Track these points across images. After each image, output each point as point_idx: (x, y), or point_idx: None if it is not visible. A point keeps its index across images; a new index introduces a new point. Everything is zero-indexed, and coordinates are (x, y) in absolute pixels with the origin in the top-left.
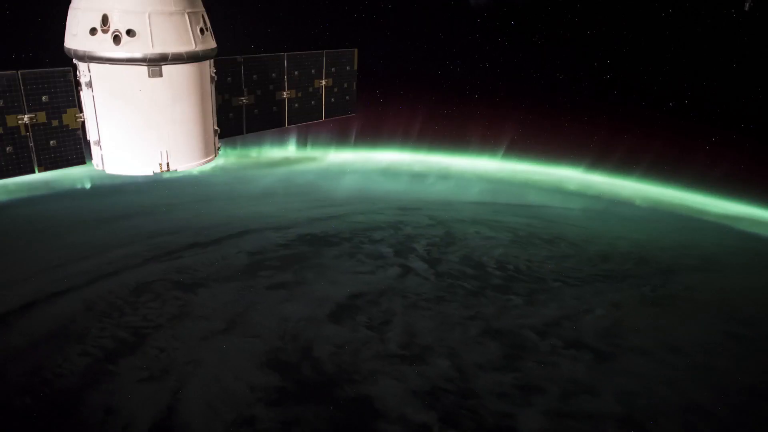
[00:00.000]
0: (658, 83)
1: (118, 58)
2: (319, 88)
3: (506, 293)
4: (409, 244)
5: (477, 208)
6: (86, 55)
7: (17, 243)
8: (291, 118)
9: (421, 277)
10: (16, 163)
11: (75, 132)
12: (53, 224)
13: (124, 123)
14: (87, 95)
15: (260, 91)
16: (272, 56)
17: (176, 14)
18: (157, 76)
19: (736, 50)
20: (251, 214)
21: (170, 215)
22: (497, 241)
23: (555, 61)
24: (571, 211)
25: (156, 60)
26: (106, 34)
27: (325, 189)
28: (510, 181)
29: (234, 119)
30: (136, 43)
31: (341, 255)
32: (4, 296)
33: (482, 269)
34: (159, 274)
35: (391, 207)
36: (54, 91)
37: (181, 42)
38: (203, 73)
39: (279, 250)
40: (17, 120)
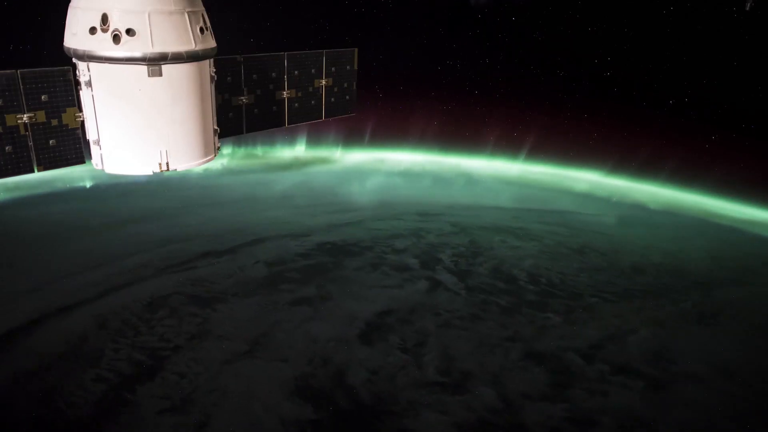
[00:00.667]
0: (685, 87)
1: (117, 57)
2: (319, 87)
3: (543, 310)
4: (434, 254)
5: (497, 213)
6: (86, 55)
7: (19, 250)
8: (291, 118)
9: (451, 292)
10: (16, 163)
11: (74, 131)
12: (57, 229)
13: (123, 122)
14: (86, 94)
15: (260, 90)
16: (272, 56)
17: (176, 13)
18: (156, 76)
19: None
20: (265, 220)
21: (180, 220)
22: (525, 251)
23: (555, 59)
24: (592, 217)
25: (156, 59)
26: (105, 33)
27: (339, 192)
28: (525, 183)
29: (234, 119)
30: (135, 43)
31: (364, 266)
32: (9, 310)
33: (514, 283)
34: (173, 286)
35: (409, 212)
36: (53, 90)
37: (181, 41)
38: (203, 73)
39: (298, 261)
40: (16, 119)
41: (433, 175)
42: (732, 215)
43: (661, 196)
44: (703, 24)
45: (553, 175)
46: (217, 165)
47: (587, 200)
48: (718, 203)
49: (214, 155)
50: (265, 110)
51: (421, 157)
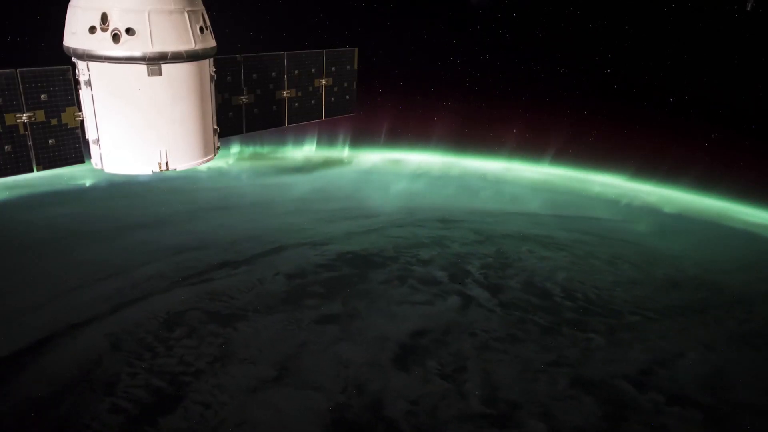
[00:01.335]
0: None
1: (117, 56)
2: (319, 87)
3: (584, 330)
4: (462, 266)
5: (519, 219)
6: (85, 54)
7: (23, 258)
8: (291, 118)
9: (485, 309)
10: (15, 162)
11: (74, 131)
12: (61, 234)
13: (123, 122)
14: (86, 94)
15: (260, 90)
16: (272, 55)
17: (176, 13)
18: (156, 75)
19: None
20: (280, 226)
21: (192, 226)
22: (555, 263)
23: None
24: (616, 223)
25: (155, 59)
26: (105, 32)
27: (355, 195)
28: (542, 186)
29: (233, 118)
30: (135, 42)
31: (391, 279)
32: (16, 328)
33: (549, 298)
34: (190, 301)
35: (430, 218)
36: (53, 89)
37: (181, 41)
38: (203, 72)
39: (320, 272)
40: (15, 118)
41: (448, 177)
42: (746, 219)
43: (675, 200)
44: (704, 23)
45: (568, 178)
46: (223, 165)
47: (605, 204)
48: (731, 206)
49: (213, 155)
50: (265, 110)
51: (436, 158)
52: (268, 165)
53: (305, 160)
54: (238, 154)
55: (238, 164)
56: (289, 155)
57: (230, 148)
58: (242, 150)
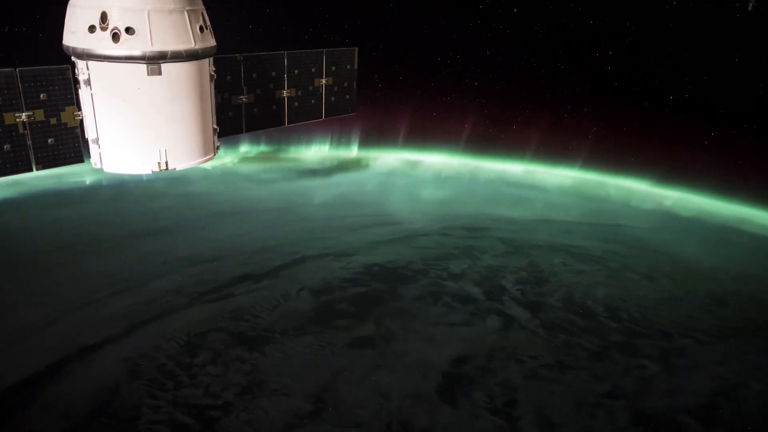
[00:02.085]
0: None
1: (116, 56)
2: (319, 86)
3: (635, 355)
4: (496, 281)
5: (546, 227)
6: (85, 53)
7: (28, 269)
8: (291, 117)
9: (527, 331)
10: (14, 162)
11: (73, 130)
12: (67, 241)
13: (122, 121)
14: (85, 93)
15: (260, 89)
16: (272, 55)
17: (176, 12)
18: (156, 74)
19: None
20: (300, 234)
21: (207, 233)
22: (592, 277)
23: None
24: (645, 231)
25: (155, 58)
26: (105, 31)
27: (374, 200)
28: (561, 189)
29: (233, 118)
30: (135, 41)
31: (423, 296)
32: (25, 351)
33: (593, 318)
34: (211, 320)
35: (454, 226)
36: (52, 88)
37: (181, 40)
38: (202, 72)
39: (347, 288)
40: (15, 118)
41: (467, 180)
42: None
43: (690, 203)
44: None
45: (586, 181)
46: (232, 166)
47: (630, 210)
48: (750, 211)
49: (213, 154)
50: (265, 109)
51: (453, 159)
52: (281, 167)
53: (318, 162)
54: (242, 154)
55: (248, 165)
56: (299, 156)
57: (239, 147)
58: (250, 150)
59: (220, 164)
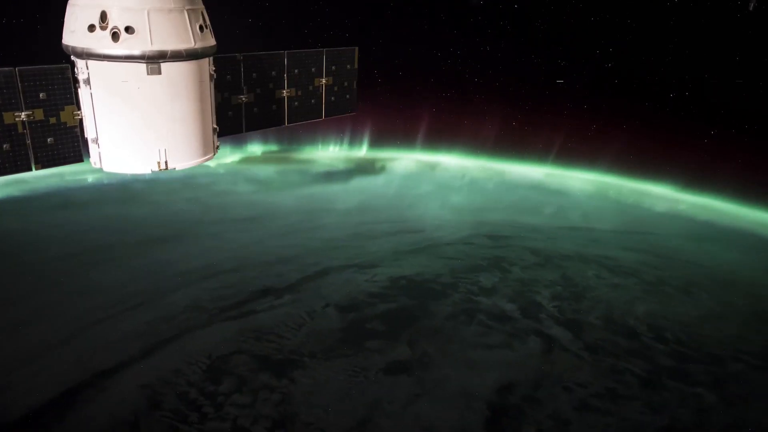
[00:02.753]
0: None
1: (116, 55)
2: (320, 86)
3: (688, 382)
4: (530, 297)
5: (573, 235)
6: (84, 52)
7: (34, 281)
8: (291, 117)
9: (571, 354)
10: (13, 161)
11: (73, 129)
12: (73, 249)
13: (122, 121)
14: (85, 92)
15: (260, 89)
16: (272, 54)
17: (175, 11)
18: (155, 74)
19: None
20: (319, 243)
21: (222, 241)
22: (628, 292)
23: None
24: (673, 239)
25: (155, 57)
26: (104, 31)
27: (392, 204)
28: (582, 193)
29: (233, 117)
30: (134, 40)
31: (456, 314)
32: (35, 374)
33: (637, 339)
34: (234, 341)
35: (477, 234)
36: (51, 88)
37: (180, 39)
38: (202, 71)
39: (375, 304)
40: (14, 117)
41: (485, 184)
42: None
43: (718, 209)
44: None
45: (605, 184)
46: (238, 167)
47: (653, 215)
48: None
49: (213, 154)
50: (265, 109)
51: (469, 161)
52: (293, 169)
53: (329, 163)
54: (249, 154)
55: (257, 167)
56: (309, 156)
57: (246, 147)
58: (255, 149)
59: (229, 164)
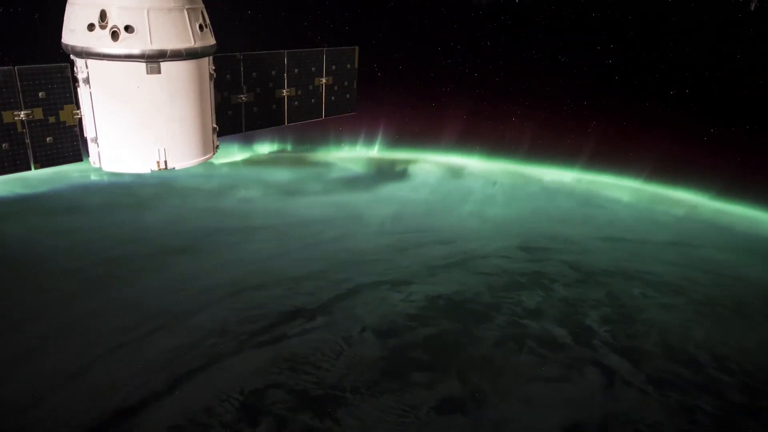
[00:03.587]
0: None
1: (116, 54)
2: (320, 86)
3: (766, 423)
4: (578, 319)
5: (608, 247)
6: (84, 51)
7: (43, 299)
8: (291, 117)
9: (635, 389)
10: (12, 160)
11: (72, 129)
12: (80, 262)
13: (121, 120)
14: (84, 92)
15: (260, 88)
16: (272, 53)
17: (175, 10)
18: (155, 73)
19: None
20: (345, 255)
21: (242, 253)
22: (680, 313)
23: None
24: (715, 252)
25: (154, 56)
26: (104, 30)
27: (417, 212)
28: (611, 200)
29: (233, 117)
30: (134, 40)
31: (504, 340)
32: (51, 412)
33: (701, 370)
34: (267, 372)
35: (509, 246)
36: (51, 87)
37: (180, 39)
38: (202, 71)
39: (415, 327)
40: (13, 116)
41: (512, 189)
42: None
43: (757, 218)
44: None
45: (636, 191)
46: (247, 169)
47: (692, 224)
48: None
49: (213, 153)
50: (265, 108)
51: (494, 165)
52: (312, 173)
53: (345, 165)
54: (254, 155)
55: (270, 170)
56: (325, 157)
57: (253, 147)
58: (256, 150)
59: (239, 167)
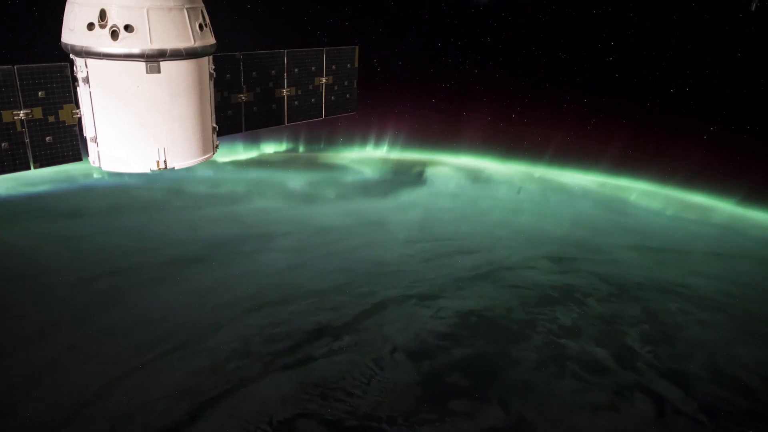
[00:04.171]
0: None
1: (115, 53)
2: (320, 85)
3: None
4: (619, 339)
5: (637, 257)
6: (83, 51)
7: (52, 316)
8: (291, 116)
9: (689, 419)
10: (12, 160)
11: (71, 128)
12: (87, 272)
13: (121, 120)
14: (84, 91)
15: (260, 88)
16: (272, 53)
17: (175, 10)
18: (155, 73)
19: None
20: (368, 266)
21: (259, 264)
22: (722, 332)
23: None
24: (748, 264)
25: (154, 56)
26: (103, 29)
27: (438, 219)
28: (635, 206)
29: (233, 116)
30: (134, 39)
31: (544, 362)
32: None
33: (752, 396)
34: (295, 399)
35: (535, 255)
36: (50, 86)
37: (180, 38)
38: (202, 70)
39: (449, 348)
40: (13, 115)
41: (530, 193)
42: None
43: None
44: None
45: (659, 196)
46: (255, 171)
47: (718, 231)
48: None
49: (212, 153)
50: (265, 108)
51: (509, 167)
52: (326, 177)
53: (360, 168)
54: (259, 156)
55: (279, 173)
56: (335, 158)
57: (262, 148)
58: (257, 150)
59: (246, 169)
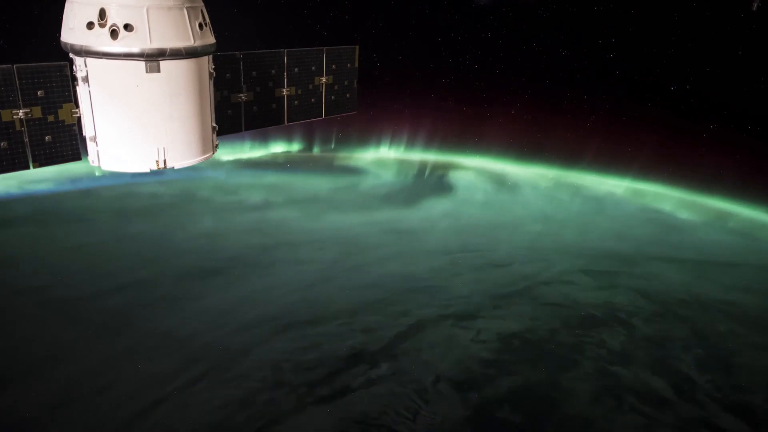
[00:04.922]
0: None
1: (115, 53)
2: (320, 85)
3: None
4: (673, 365)
5: (673, 270)
6: (83, 50)
7: (50, 337)
8: (290, 116)
9: None
10: (11, 159)
11: (71, 127)
12: (95, 286)
13: (120, 119)
14: (83, 90)
15: (259, 87)
16: (272, 53)
17: (175, 9)
18: (154, 72)
19: None
20: (398, 281)
21: (284, 276)
22: None
23: None
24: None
25: (154, 55)
26: (103, 28)
27: (464, 227)
28: (666, 214)
29: (232, 116)
30: (133, 38)
31: (599, 394)
32: None
33: None
34: None
35: (570, 269)
36: (50, 85)
37: (180, 37)
38: (202, 69)
39: (496, 377)
40: (12, 115)
41: (559, 198)
42: None
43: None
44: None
45: (683, 200)
46: (265, 176)
47: (748, 241)
48: None
49: (212, 153)
50: (265, 108)
51: (529, 170)
52: (346, 184)
53: (377, 170)
54: (262, 156)
55: (287, 175)
56: (345, 159)
57: (270, 146)
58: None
59: (254, 172)
